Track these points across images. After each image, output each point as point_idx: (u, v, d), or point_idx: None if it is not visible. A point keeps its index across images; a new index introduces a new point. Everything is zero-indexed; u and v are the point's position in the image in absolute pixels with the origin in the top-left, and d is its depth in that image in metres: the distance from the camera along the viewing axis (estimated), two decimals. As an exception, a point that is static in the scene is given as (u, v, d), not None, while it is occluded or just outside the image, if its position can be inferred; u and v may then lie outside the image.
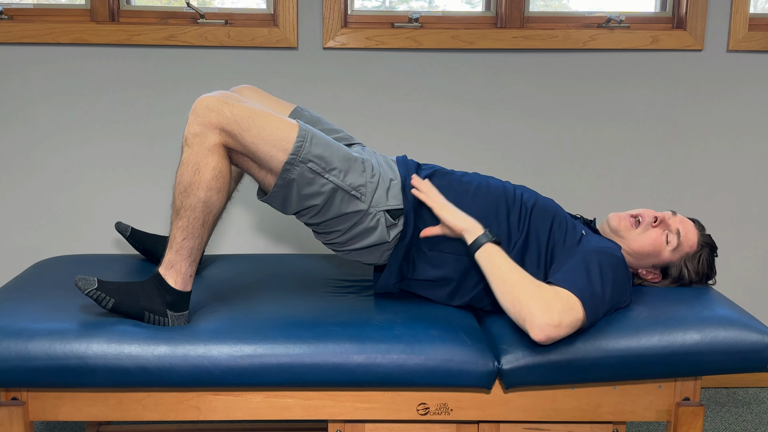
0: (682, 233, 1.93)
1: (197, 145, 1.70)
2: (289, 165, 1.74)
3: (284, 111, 2.02)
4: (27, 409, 1.74)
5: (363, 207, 1.82)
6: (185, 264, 1.76)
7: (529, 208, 1.91)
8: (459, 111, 2.64)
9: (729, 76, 2.67)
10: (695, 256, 1.95)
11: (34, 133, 2.57)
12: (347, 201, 1.81)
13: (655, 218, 1.93)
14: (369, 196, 1.83)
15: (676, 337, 1.73)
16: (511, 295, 1.67)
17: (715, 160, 2.72)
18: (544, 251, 1.88)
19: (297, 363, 1.68)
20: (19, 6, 2.56)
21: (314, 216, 1.83)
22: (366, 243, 1.86)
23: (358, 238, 1.86)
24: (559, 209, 1.95)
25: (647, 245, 1.93)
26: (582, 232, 1.91)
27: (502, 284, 1.69)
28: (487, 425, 1.81)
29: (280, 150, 1.73)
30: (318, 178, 1.77)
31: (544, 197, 1.98)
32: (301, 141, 1.75)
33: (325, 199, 1.79)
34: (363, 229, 1.84)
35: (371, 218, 1.84)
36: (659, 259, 1.95)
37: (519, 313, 1.65)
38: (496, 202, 1.90)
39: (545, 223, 1.90)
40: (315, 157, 1.76)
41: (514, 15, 2.60)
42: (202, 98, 1.72)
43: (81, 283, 1.72)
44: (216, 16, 2.57)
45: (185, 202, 1.72)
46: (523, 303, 1.64)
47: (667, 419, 1.83)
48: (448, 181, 1.93)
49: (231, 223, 2.66)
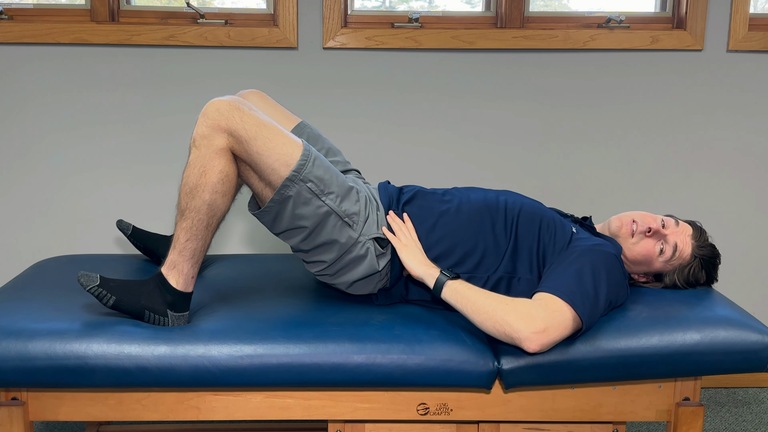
0: (679, 247, 1.93)
1: (205, 147, 1.70)
2: (288, 181, 1.74)
3: (288, 123, 2.03)
4: (27, 409, 1.74)
5: (354, 235, 1.82)
6: (188, 265, 1.76)
7: (515, 214, 1.91)
8: (459, 111, 2.64)
9: (729, 76, 2.67)
10: (685, 267, 1.95)
11: (34, 133, 2.57)
12: (339, 228, 1.80)
13: (649, 229, 1.92)
14: (360, 224, 1.83)
15: (676, 337, 1.73)
16: (492, 320, 1.67)
17: (714, 159, 2.72)
18: (536, 255, 1.88)
19: (297, 363, 1.68)
20: (19, 6, 2.56)
21: (302, 240, 1.82)
22: (357, 275, 1.85)
23: (347, 268, 1.85)
24: (545, 211, 1.95)
25: (639, 255, 1.94)
26: (572, 230, 1.91)
27: (478, 313, 1.69)
28: (487, 425, 1.81)
29: (282, 165, 1.73)
30: (314, 199, 1.77)
31: (530, 200, 1.97)
32: (305, 160, 1.75)
33: (317, 222, 1.78)
34: (353, 257, 1.83)
35: (360, 246, 1.83)
36: (651, 268, 1.96)
37: (505, 333, 1.65)
38: (480, 216, 1.90)
39: (533, 227, 1.89)
40: (315, 178, 1.76)
41: (514, 15, 2.60)
42: (214, 101, 1.72)
43: (83, 279, 1.72)
44: (216, 16, 2.57)
45: (190, 203, 1.72)
46: (503, 322, 1.65)
47: (667, 419, 1.83)
48: (428, 202, 1.93)
49: (232, 223, 2.66)
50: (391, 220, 1.88)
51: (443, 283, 1.75)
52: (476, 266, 1.87)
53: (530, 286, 1.85)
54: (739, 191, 2.74)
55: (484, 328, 1.69)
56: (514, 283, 1.86)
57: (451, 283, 1.75)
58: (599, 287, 1.73)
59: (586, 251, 1.80)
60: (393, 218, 1.88)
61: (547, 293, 1.69)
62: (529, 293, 1.76)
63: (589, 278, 1.72)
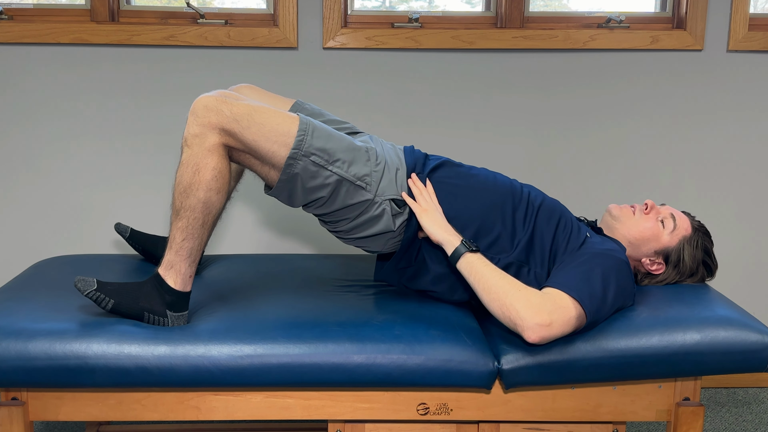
0: (676, 216, 1.99)
1: (197, 145, 1.70)
2: (291, 160, 1.74)
3: (284, 106, 2.01)
4: (27, 409, 1.74)
5: (369, 196, 1.82)
6: (185, 264, 1.75)
7: (535, 207, 1.91)
8: (459, 111, 2.64)
9: (729, 76, 2.67)
10: (692, 240, 1.98)
11: (33, 133, 2.57)
12: (353, 191, 1.81)
13: (645, 205, 1.99)
14: (374, 185, 1.83)
15: (676, 337, 1.73)
16: (499, 301, 1.67)
17: (714, 159, 2.72)
18: (548, 251, 1.88)
19: (297, 363, 1.68)
20: (19, 6, 2.56)
21: (321, 207, 1.83)
22: (371, 232, 1.86)
23: (363, 226, 1.85)
24: (565, 211, 1.96)
25: (647, 230, 1.96)
26: (587, 234, 1.92)
27: (488, 292, 1.69)
28: (487, 425, 1.81)
29: (281, 146, 1.73)
30: (321, 170, 1.77)
31: (551, 198, 1.98)
32: (302, 135, 1.74)
33: (331, 190, 1.79)
34: (369, 217, 1.84)
35: (377, 207, 1.83)
36: (659, 244, 1.97)
37: (509, 318, 1.65)
38: (503, 198, 1.90)
39: (551, 224, 1.90)
40: (317, 150, 1.76)
41: (514, 15, 2.60)
42: (201, 98, 1.72)
43: (80, 284, 1.72)
44: (216, 16, 2.57)
45: (185, 202, 1.72)
46: (511, 307, 1.65)
47: (667, 419, 1.83)
48: (455, 173, 1.93)
49: (231, 222, 2.66)
50: (412, 184, 1.87)
51: (461, 254, 1.75)
52: (489, 246, 1.86)
53: (538, 280, 1.85)
54: (738, 191, 2.74)
55: (489, 308, 1.70)
56: (523, 273, 1.86)
57: (469, 256, 1.75)
58: (608, 289, 1.73)
59: (598, 254, 1.81)
60: (414, 182, 1.88)
61: (556, 289, 1.69)
62: (536, 286, 1.76)
63: (598, 279, 1.73)
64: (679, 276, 2.00)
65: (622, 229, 1.97)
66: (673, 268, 1.99)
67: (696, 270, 2.00)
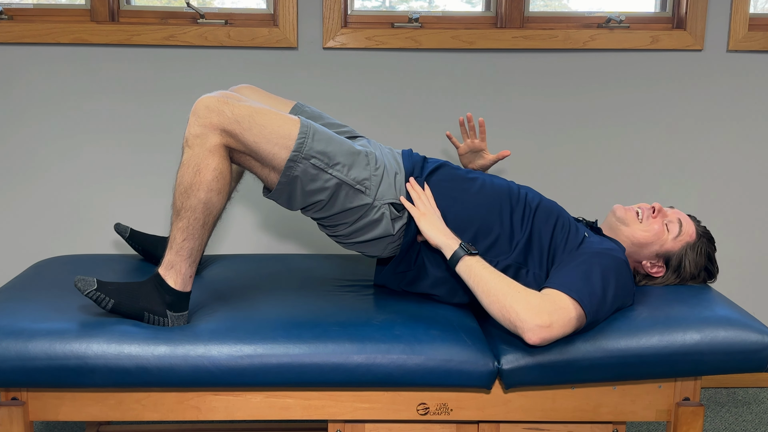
0: (683, 222, 1.98)
1: (198, 146, 1.70)
2: (291, 162, 1.74)
3: (284, 108, 2.02)
4: (27, 409, 1.74)
5: (368, 200, 1.82)
6: (185, 265, 1.75)
7: (533, 208, 1.91)
8: (459, 111, 2.64)
9: (729, 76, 2.67)
10: (695, 246, 1.97)
11: (33, 133, 2.57)
12: (352, 195, 1.81)
13: (653, 208, 1.98)
14: (374, 189, 1.83)
15: (676, 337, 1.73)
16: (498, 304, 1.67)
17: (715, 159, 2.72)
18: (547, 252, 1.88)
19: (297, 363, 1.68)
20: (19, 6, 2.56)
21: (320, 210, 1.83)
22: (370, 236, 1.86)
23: (362, 230, 1.85)
24: (562, 211, 1.96)
25: (651, 234, 1.95)
26: (585, 234, 1.92)
27: (487, 295, 1.69)
28: (487, 425, 1.81)
29: (282, 148, 1.73)
30: (321, 173, 1.77)
31: (548, 199, 1.98)
32: (303, 137, 1.75)
33: (330, 194, 1.79)
34: (368, 221, 1.84)
35: (376, 211, 1.83)
36: (662, 248, 1.96)
37: (509, 320, 1.65)
38: (500, 200, 1.90)
39: (548, 224, 1.90)
40: (318, 153, 1.76)
41: (514, 15, 2.61)
42: (202, 99, 1.72)
43: (80, 284, 1.72)
44: (216, 16, 2.57)
45: (185, 203, 1.72)
46: (511, 309, 1.65)
47: (667, 419, 1.83)
48: (453, 176, 1.94)
49: (231, 222, 2.66)
50: (411, 188, 1.87)
51: (460, 257, 1.75)
52: (488, 249, 1.86)
53: (537, 281, 1.85)
54: (738, 191, 2.74)
55: (489, 310, 1.69)
56: (522, 275, 1.86)
57: (467, 259, 1.74)
58: (607, 289, 1.73)
59: (597, 254, 1.81)
60: (412, 186, 1.88)
61: (556, 290, 1.69)
62: (535, 287, 1.76)
63: (598, 279, 1.73)
64: (679, 280, 2.00)
65: (627, 231, 1.97)
66: (673, 272, 1.99)
67: (697, 275, 2.00)
